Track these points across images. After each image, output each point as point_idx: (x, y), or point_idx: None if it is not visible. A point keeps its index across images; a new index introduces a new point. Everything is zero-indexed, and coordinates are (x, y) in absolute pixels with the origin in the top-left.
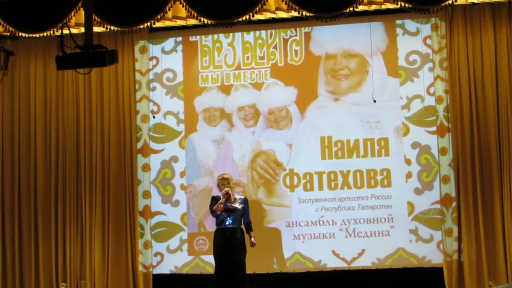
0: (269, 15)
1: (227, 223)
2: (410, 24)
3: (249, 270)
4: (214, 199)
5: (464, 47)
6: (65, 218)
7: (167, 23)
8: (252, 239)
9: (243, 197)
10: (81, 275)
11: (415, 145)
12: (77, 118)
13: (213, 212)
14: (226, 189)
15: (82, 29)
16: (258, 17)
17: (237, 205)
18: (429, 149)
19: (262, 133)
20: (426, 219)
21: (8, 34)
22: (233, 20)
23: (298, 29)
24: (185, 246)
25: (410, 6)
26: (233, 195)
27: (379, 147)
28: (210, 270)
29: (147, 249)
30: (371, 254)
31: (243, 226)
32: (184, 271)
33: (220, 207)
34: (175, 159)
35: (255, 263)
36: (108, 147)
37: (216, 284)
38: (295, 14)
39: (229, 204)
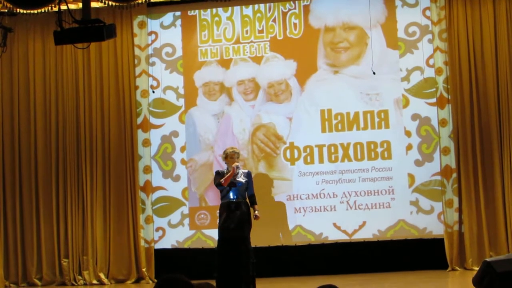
0: None
1: (231, 197)
2: None
3: (252, 244)
4: (218, 174)
5: (463, 18)
6: (66, 194)
7: None
8: (256, 212)
9: (246, 170)
10: (83, 251)
11: (415, 117)
12: (76, 93)
13: (219, 185)
14: (237, 163)
15: (80, 4)
16: None
17: (241, 179)
18: (429, 121)
19: (262, 107)
20: (426, 191)
21: (6, 10)
22: None
23: (296, 2)
24: (186, 221)
25: None
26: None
27: (379, 119)
28: (212, 244)
29: (149, 224)
30: (372, 226)
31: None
32: (186, 246)
33: (228, 181)
34: (175, 134)
35: (260, 237)
36: (108, 122)
37: (218, 258)
38: None
39: (233, 178)
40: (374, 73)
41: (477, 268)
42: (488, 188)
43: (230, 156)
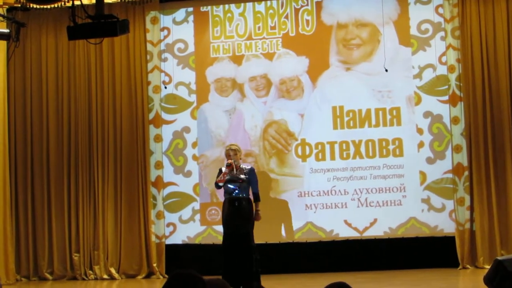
0: None
1: (233, 193)
2: None
3: (260, 240)
4: (220, 172)
5: (476, 16)
6: (77, 189)
7: None
8: (258, 211)
9: (249, 166)
10: (94, 246)
11: (427, 114)
12: (88, 89)
13: (215, 184)
14: (229, 161)
15: (93, 0)
16: None
17: (242, 175)
18: (441, 118)
19: (274, 103)
20: (438, 189)
21: (20, 5)
22: None
23: None
24: (197, 217)
25: None
26: (239, 165)
27: (391, 116)
28: None
29: (160, 219)
30: (383, 224)
31: (251, 196)
32: (196, 241)
33: (223, 178)
34: (187, 129)
35: (266, 233)
36: (120, 118)
37: (223, 254)
38: None
39: (234, 175)
40: (386, 70)
41: (488, 267)
42: (500, 186)
43: (227, 154)
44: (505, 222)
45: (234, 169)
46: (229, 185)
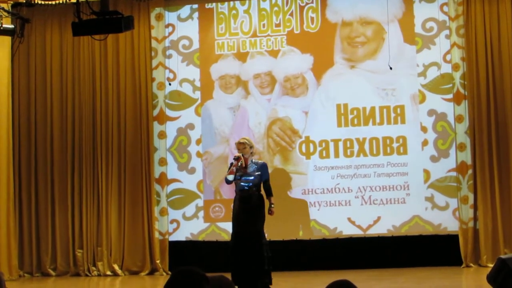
0: None
1: (244, 190)
2: None
3: (267, 237)
4: (231, 166)
5: (481, 14)
6: (81, 185)
7: None
8: (272, 207)
9: (261, 162)
10: (97, 242)
11: (431, 112)
12: (93, 85)
13: (225, 179)
14: (236, 154)
15: None
16: None
17: (255, 171)
18: (446, 117)
19: (278, 101)
20: (442, 187)
21: (24, 1)
22: None
23: None
24: (201, 213)
25: None
26: (248, 160)
27: (395, 114)
28: (226, 237)
29: (163, 216)
30: (386, 222)
31: (263, 192)
32: (200, 238)
33: (233, 170)
34: (191, 126)
35: (274, 231)
36: (124, 114)
37: (231, 252)
38: None
39: (247, 171)
40: (391, 68)
41: (491, 265)
42: (503, 185)
43: (237, 148)
44: (508, 221)
45: (243, 162)
46: (241, 182)
